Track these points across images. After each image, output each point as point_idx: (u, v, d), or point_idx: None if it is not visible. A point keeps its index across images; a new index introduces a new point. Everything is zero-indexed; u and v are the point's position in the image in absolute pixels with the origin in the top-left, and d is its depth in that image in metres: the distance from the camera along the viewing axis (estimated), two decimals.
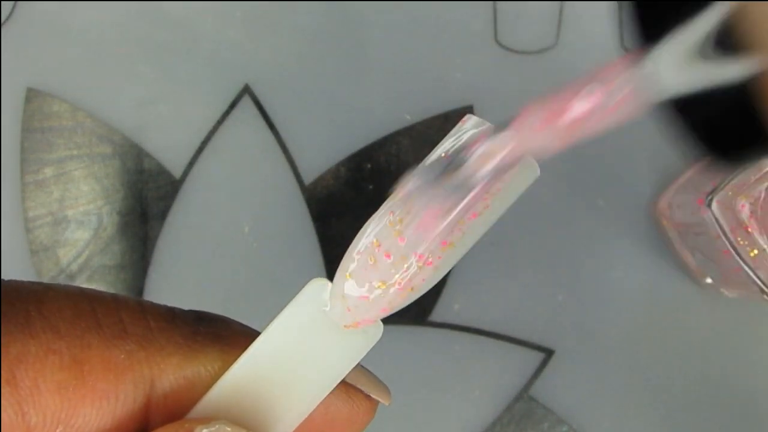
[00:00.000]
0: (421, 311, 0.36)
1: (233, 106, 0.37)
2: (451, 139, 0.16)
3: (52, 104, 0.37)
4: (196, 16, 0.38)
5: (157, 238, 0.37)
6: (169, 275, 0.37)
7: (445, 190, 0.15)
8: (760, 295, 0.29)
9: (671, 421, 0.35)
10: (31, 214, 0.37)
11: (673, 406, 0.35)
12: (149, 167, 0.37)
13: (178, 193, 0.37)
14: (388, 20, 0.37)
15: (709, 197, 0.29)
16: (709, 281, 0.34)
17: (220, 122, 0.37)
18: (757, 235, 0.29)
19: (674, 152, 0.36)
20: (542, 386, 0.35)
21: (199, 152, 0.37)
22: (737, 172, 0.29)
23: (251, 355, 0.17)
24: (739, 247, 0.29)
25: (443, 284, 0.36)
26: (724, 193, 0.29)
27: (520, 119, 0.15)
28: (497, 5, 0.37)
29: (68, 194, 0.37)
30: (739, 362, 0.35)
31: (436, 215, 0.16)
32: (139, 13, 0.38)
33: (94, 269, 0.36)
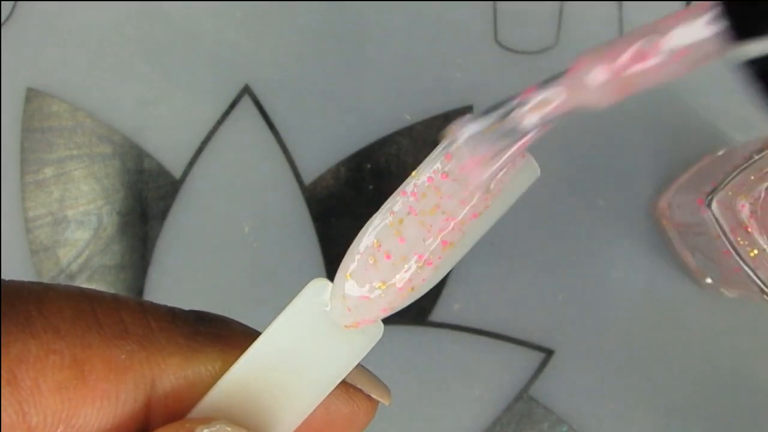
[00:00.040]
0: (421, 311, 0.36)
1: (233, 106, 0.37)
2: (450, 139, 0.16)
3: (52, 104, 0.37)
4: (196, 16, 0.38)
5: (157, 238, 0.37)
6: (169, 275, 0.37)
7: (493, 136, 0.15)
8: (760, 295, 0.29)
9: (671, 421, 0.35)
10: (31, 214, 0.37)
11: (673, 406, 0.35)
12: (149, 167, 0.37)
13: (178, 193, 0.37)
14: (388, 20, 0.37)
15: (709, 197, 0.29)
16: (709, 281, 0.34)
17: (220, 122, 0.37)
18: (757, 235, 0.29)
19: (674, 152, 0.36)
20: (542, 386, 0.35)
21: (199, 152, 0.37)
22: (737, 172, 0.29)
23: (252, 355, 0.17)
24: (739, 247, 0.29)
25: (443, 284, 0.36)
26: (724, 193, 0.29)
27: (573, 70, 0.14)
28: (497, 5, 0.37)
29: (68, 194, 0.37)
30: (739, 362, 0.35)
31: (481, 161, 0.15)
32: (139, 13, 0.38)
33: (94, 269, 0.36)
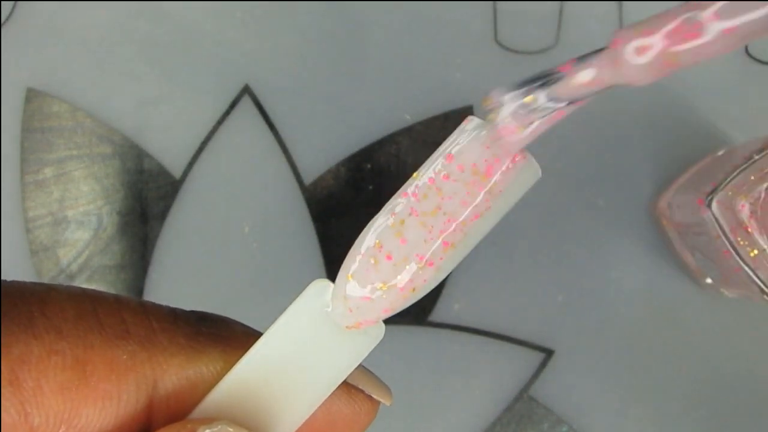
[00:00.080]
0: (421, 311, 0.36)
1: (233, 106, 0.37)
2: (450, 140, 0.16)
3: (52, 104, 0.37)
4: (196, 16, 0.38)
5: (157, 238, 0.37)
6: (169, 275, 0.37)
7: (529, 107, 0.15)
8: (760, 295, 0.29)
9: (671, 421, 0.35)
10: (31, 214, 0.37)
11: (673, 406, 0.35)
12: (149, 167, 0.37)
13: (178, 193, 0.37)
14: (388, 20, 0.37)
15: (709, 197, 0.29)
16: (709, 281, 0.34)
17: (220, 122, 0.37)
18: (757, 235, 0.29)
19: (674, 152, 0.36)
20: (542, 386, 0.35)
21: (199, 152, 0.37)
22: (737, 172, 0.29)
23: (253, 355, 0.17)
24: (739, 247, 0.29)
25: (443, 284, 0.36)
26: (724, 193, 0.29)
27: (613, 46, 0.14)
28: (497, 5, 0.37)
29: (68, 194, 0.37)
30: (739, 362, 0.35)
31: (515, 130, 0.15)
32: (139, 13, 0.38)
33: (94, 269, 0.36)
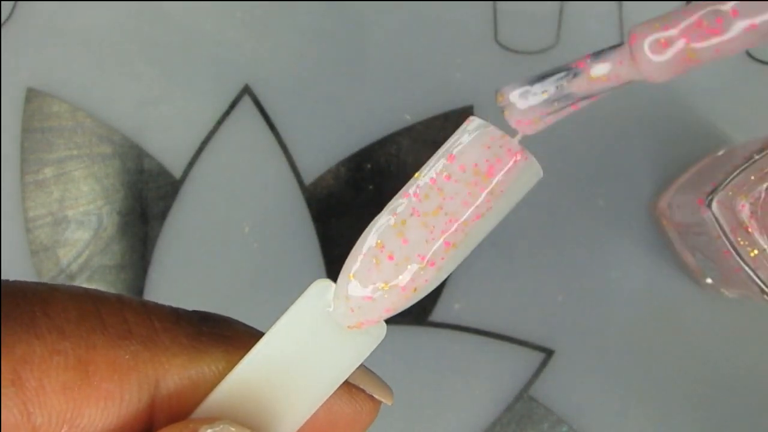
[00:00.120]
0: (421, 311, 0.36)
1: (233, 106, 0.37)
2: (452, 141, 0.16)
3: (52, 104, 0.37)
4: (196, 16, 0.38)
5: (157, 238, 0.37)
6: (169, 275, 0.37)
7: (545, 101, 0.15)
8: (760, 295, 0.29)
9: (671, 420, 0.35)
10: (31, 214, 0.37)
11: (673, 406, 0.35)
12: (149, 167, 0.37)
13: (178, 193, 0.37)
14: (388, 20, 0.37)
15: (709, 197, 0.29)
16: (709, 281, 0.34)
17: (220, 122, 0.37)
18: (757, 235, 0.29)
19: (674, 152, 0.36)
20: (542, 386, 0.35)
21: (199, 152, 0.37)
22: (737, 172, 0.29)
23: (255, 355, 0.17)
24: (739, 247, 0.29)
25: (443, 284, 0.36)
26: (724, 193, 0.29)
27: (630, 42, 0.13)
28: (497, 5, 0.37)
29: (68, 194, 0.37)
30: (739, 362, 0.35)
31: (530, 123, 0.15)
32: (139, 13, 0.38)
33: (94, 269, 0.36)
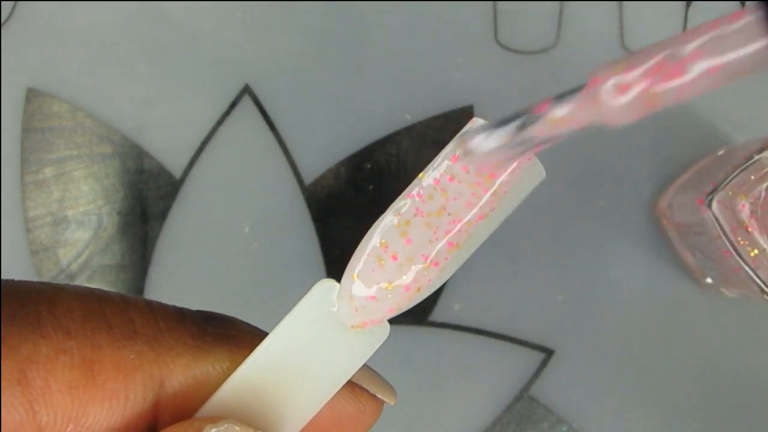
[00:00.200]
0: (421, 311, 0.36)
1: (233, 106, 0.37)
2: (455, 142, 0.17)
3: (52, 104, 0.37)
4: (196, 16, 0.38)
5: (157, 238, 0.37)
6: (169, 275, 0.37)
7: (505, 146, 0.15)
8: (760, 295, 0.29)
9: (671, 420, 0.35)
10: (31, 214, 0.37)
11: (673, 405, 0.35)
12: (149, 167, 0.37)
13: (178, 193, 0.37)
14: (388, 20, 0.37)
15: (709, 197, 0.29)
16: (709, 281, 0.34)
17: (220, 122, 0.37)
18: (757, 235, 0.29)
19: (674, 152, 0.36)
20: (542, 386, 0.35)
21: (199, 152, 0.37)
22: (737, 172, 0.29)
23: (259, 354, 0.17)
24: (739, 247, 0.29)
25: (443, 284, 0.36)
26: (724, 193, 0.29)
27: (591, 84, 0.13)
28: (497, 5, 0.37)
29: (68, 194, 0.37)
30: (739, 362, 0.35)
31: (492, 167, 0.15)
32: (139, 13, 0.38)
33: (94, 269, 0.36)
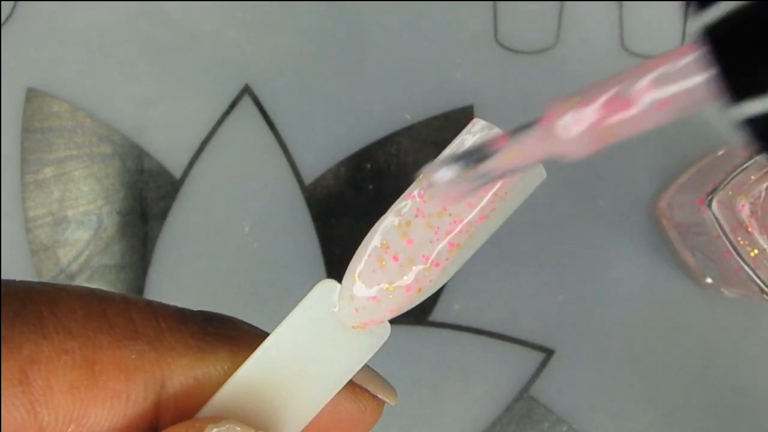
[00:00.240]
0: (421, 311, 0.36)
1: (233, 106, 0.37)
2: (457, 142, 0.17)
3: (52, 104, 0.37)
4: (196, 16, 0.38)
5: (157, 238, 0.37)
6: (169, 275, 0.37)
7: (464, 180, 0.15)
8: (760, 295, 0.29)
9: (671, 420, 0.35)
10: (31, 214, 0.37)
11: (672, 405, 0.35)
12: (149, 167, 0.37)
13: (178, 193, 0.37)
14: (388, 20, 0.37)
15: (709, 197, 0.29)
16: (709, 281, 0.34)
17: (220, 122, 0.37)
18: (757, 235, 0.29)
19: (674, 152, 0.36)
20: (542, 386, 0.35)
21: (199, 152, 0.37)
22: (737, 171, 0.29)
23: (260, 355, 0.17)
24: (739, 247, 0.29)
25: (444, 284, 0.36)
26: (724, 193, 0.29)
27: (546, 119, 0.13)
28: (497, 5, 0.37)
29: (68, 194, 0.37)
30: (739, 362, 0.35)
31: (453, 199, 0.16)
32: (139, 13, 0.38)
33: (94, 269, 0.36)
